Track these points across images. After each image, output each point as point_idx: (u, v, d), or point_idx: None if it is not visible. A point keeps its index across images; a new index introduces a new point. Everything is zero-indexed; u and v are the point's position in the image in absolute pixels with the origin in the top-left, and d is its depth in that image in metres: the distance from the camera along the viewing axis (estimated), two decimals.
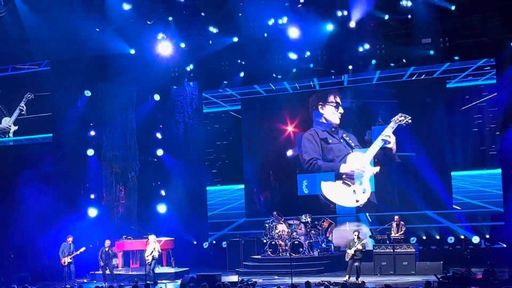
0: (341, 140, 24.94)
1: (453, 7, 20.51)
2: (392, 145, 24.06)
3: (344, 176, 24.69)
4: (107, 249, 21.08)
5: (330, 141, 25.02)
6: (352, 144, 24.71)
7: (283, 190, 25.87)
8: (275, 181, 26.05)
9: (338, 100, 25.08)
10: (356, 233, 19.69)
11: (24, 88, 24.50)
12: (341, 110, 24.97)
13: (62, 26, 21.64)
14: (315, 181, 25.17)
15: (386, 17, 21.29)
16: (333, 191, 24.87)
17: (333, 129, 25.06)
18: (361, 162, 24.48)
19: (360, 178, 24.44)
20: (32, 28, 22.22)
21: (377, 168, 24.07)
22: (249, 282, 16.60)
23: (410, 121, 23.55)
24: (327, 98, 25.21)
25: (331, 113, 25.10)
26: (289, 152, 25.65)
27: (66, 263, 21.00)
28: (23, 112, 24.48)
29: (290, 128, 25.67)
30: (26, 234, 22.73)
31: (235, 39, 23.19)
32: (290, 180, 25.60)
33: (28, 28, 22.42)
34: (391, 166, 24.09)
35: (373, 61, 23.59)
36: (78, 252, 21.10)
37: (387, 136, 24.05)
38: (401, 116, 23.67)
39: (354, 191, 24.47)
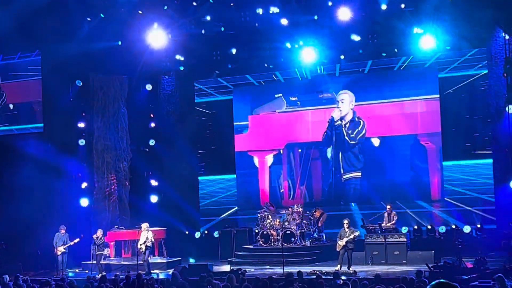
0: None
1: None
2: None
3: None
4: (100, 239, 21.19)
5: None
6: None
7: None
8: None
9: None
10: (346, 222, 19.71)
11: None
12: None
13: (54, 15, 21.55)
14: None
15: (384, 6, 21.18)
16: None
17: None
18: None
19: None
20: (23, 17, 22.09)
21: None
22: (239, 272, 16.62)
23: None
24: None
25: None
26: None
27: (59, 253, 20.97)
28: None
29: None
30: (17, 224, 22.65)
31: (222, 29, 23.19)
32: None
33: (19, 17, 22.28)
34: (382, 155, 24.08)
35: (360, 51, 23.52)
36: (72, 243, 21.07)
37: None
38: None
39: None
